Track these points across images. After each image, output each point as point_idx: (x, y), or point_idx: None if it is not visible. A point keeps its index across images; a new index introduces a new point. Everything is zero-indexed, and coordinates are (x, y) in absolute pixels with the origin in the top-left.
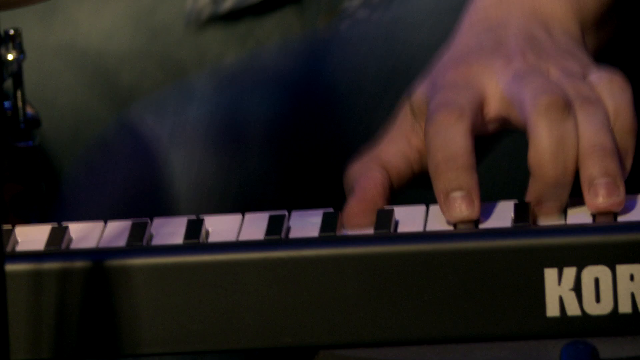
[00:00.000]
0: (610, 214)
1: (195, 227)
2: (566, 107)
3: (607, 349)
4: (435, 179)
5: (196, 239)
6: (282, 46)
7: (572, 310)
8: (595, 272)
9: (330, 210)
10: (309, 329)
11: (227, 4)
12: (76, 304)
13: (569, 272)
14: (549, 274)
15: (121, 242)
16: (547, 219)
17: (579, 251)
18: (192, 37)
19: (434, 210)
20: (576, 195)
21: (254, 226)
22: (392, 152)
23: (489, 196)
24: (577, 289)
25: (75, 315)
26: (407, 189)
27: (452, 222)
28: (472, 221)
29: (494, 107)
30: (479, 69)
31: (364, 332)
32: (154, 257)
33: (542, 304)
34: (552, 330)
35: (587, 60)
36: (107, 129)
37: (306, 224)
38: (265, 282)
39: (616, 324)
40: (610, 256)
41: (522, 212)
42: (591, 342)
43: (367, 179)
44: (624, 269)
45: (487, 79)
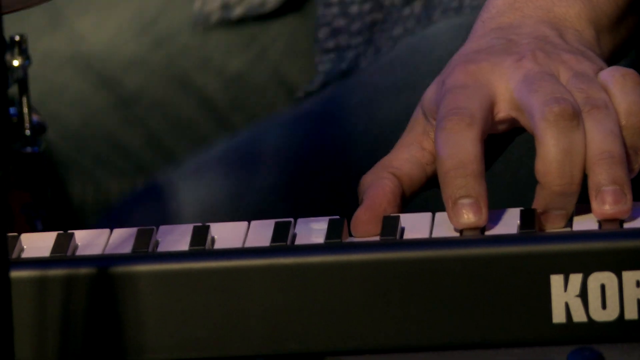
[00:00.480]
0: (616, 221)
1: (201, 234)
2: (574, 116)
3: (614, 355)
4: (443, 185)
5: (202, 246)
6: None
7: (578, 316)
8: (601, 278)
9: (336, 217)
10: (315, 336)
11: (238, 10)
12: (81, 310)
13: (575, 278)
14: (555, 281)
15: (127, 249)
16: (553, 226)
17: (585, 258)
18: (196, 43)
19: (441, 217)
20: (583, 201)
21: (260, 233)
22: (404, 158)
23: (496, 203)
24: (583, 296)
25: (80, 321)
26: (424, 191)
27: (459, 229)
28: (479, 228)
29: (504, 108)
30: (488, 67)
31: (370, 338)
32: (159, 264)
33: (548, 311)
34: (558, 336)
35: (599, 61)
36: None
37: (312, 231)
38: (271, 288)
39: (622, 331)
40: (616, 263)
41: (528, 219)
42: (597, 349)
43: (376, 187)
44: (630, 276)
45: (497, 78)
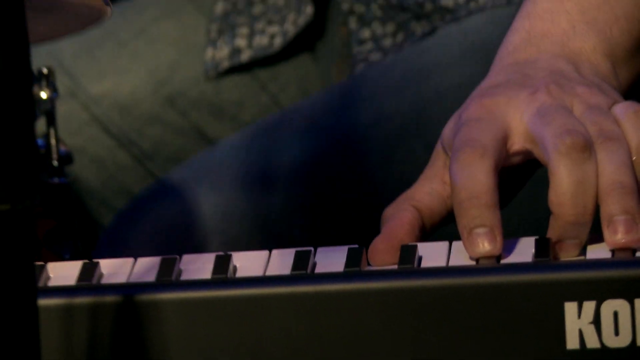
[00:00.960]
0: (629, 249)
1: (223, 262)
2: (587, 148)
3: None
4: (459, 215)
5: (224, 274)
6: (307, 97)
7: (592, 343)
8: (614, 305)
9: (355, 246)
10: None
11: (246, 54)
12: (107, 337)
13: (589, 305)
14: (569, 308)
15: (151, 277)
16: (567, 255)
17: (598, 285)
18: (209, 95)
19: (457, 246)
20: (596, 230)
21: (281, 262)
22: (425, 191)
23: (513, 231)
24: (596, 322)
25: (106, 348)
26: (446, 224)
27: (474, 258)
28: (494, 257)
29: (518, 141)
30: (503, 101)
31: None
32: (183, 292)
33: (563, 337)
34: None
35: (613, 94)
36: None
37: (331, 259)
38: (291, 316)
39: (635, 357)
40: (629, 290)
41: (542, 247)
42: None
43: (396, 218)
44: None
45: (512, 111)
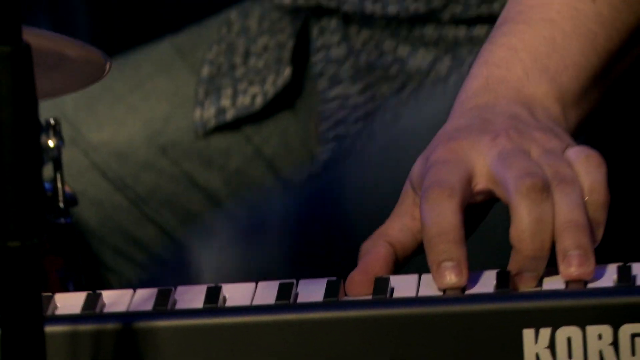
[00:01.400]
0: (581, 281)
1: (214, 293)
2: (544, 189)
3: None
4: (428, 250)
5: (215, 304)
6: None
7: None
8: (568, 332)
9: (333, 278)
10: None
11: (231, 113)
12: None
13: (545, 332)
14: (527, 334)
15: (148, 306)
16: (525, 286)
17: (554, 314)
18: (199, 147)
19: (426, 278)
20: (551, 264)
21: (266, 292)
22: (397, 227)
23: (480, 262)
24: (552, 347)
25: None
26: (416, 255)
27: (442, 289)
28: (460, 288)
29: (482, 181)
30: (467, 145)
31: None
32: (177, 320)
33: None
34: None
35: (566, 137)
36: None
37: (312, 290)
38: (276, 341)
39: None
40: (581, 318)
41: (503, 279)
42: None
43: (371, 253)
44: (593, 330)
45: (476, 155)
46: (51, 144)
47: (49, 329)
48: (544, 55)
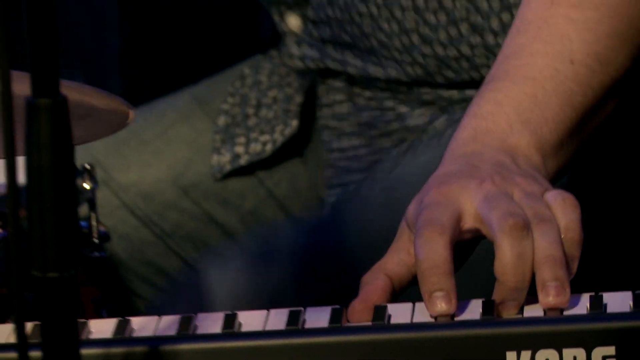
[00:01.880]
0: (557, 309)
1: (230, 319)
2: (525, 228)
3: None
4: (421, 282)
5: (231, 329)
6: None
7: None
8: (546, 354)
9: (336, 306)
10: None
11: (244, 159)
12: None
13: (526, 354)
14: (510, 356)
15: (172, 331)
16: (508, 313)
17: (534, 338)
18: (216, 189)
19: (419, 306)
20: (531, 293)
21: (277, 319)
22: (394, 261)
23: (470, 291)
24: None
25: None
26: (411, 286)
27: (434, 316)
28: (449, 315)
29: (469, 221)
30: (457, 188)
31: None
32: (198, 344)
33: None
34: None
35: (545, 183)
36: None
37: (318, 317)
38: None
39: None
40: (558, 342)
41: (488, 307)
42: None
43: (371, 284)
44: (568, 352)
45: (464, 197)
46: (86, 186)
47: (84, 351)
48: (527, 110)
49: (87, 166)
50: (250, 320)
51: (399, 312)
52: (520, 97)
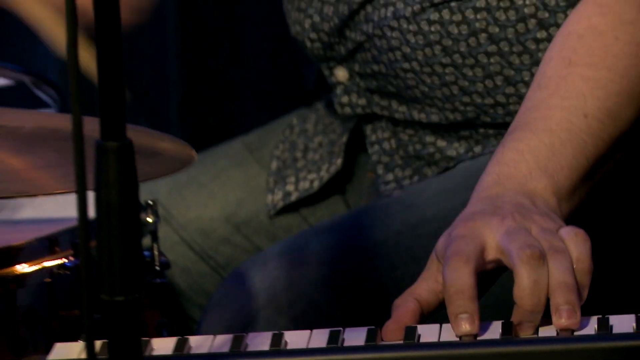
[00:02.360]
0: (569, 330)
1: (277, 338)
2: (541, 258)
3: None
4: (448, 304)
5: (278, 347)
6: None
7: None
8: None
9: (372, 327)
10: None
11: (294, 196)
12: None
13: None
14: None
15: (226, 349)
16: (525, 333)
17: (548, 356)
18: (265, 226)
19: (446, 326)
20: (546, 316)
21: (319, 338)
22: (424, 287)
23: (492, 312)
24: None
25: None
26: (439, 312)
27: (459, 335)
28: (473, 335)
29: (492, 253)
30: (481, 225)
31: None
32: None
33: None
34: None
35: (559, 221)
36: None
37: (355, 336)
38: None
39: None
40: (569, 359)
41: (507, 328)
42: None
43: (402, 307)
44: None
45: (487, 232)
46: (149, 220)
47: None
48: (545, 158)
49: (150, 202)
50: (294, 338)
51: (428, 332)
52: (539, 146)
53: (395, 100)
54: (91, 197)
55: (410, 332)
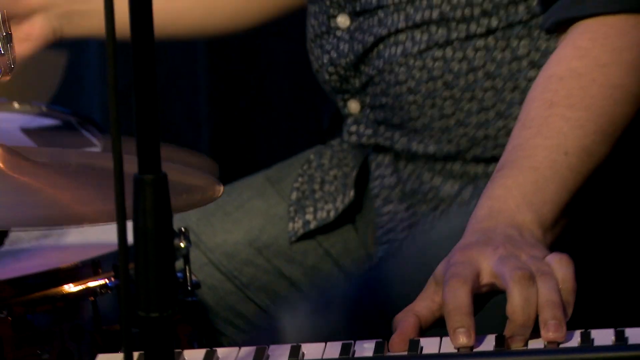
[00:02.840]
0: (556, 342)
1: (296, 350)
2: (531, 279)
3: None
4: (447, 320)
5: (296, 358)
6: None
7: None
8: None
9: (380, 340)
10: None
11: (313, 224)
12: None
13: None
14: None
15: (249, 359)
16: (516, 345)
17: None
18: (284, 250)
19: (445, 339)
20: (535, 331)
21: (332, 350)
22: (422, 306)
23: (488, 325)
24: None
25: None
26: (435, 327)
27: (457, 347)
28: (469, 347)
29: (486, 277)
30: (476, 253)
31: None
32: None
33: None
34: None
35: (545, 250)
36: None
37: (365, 348)
38: None
39: None
40: None
41: (500, 340)
42: None
43: (404, 322)
44: None
45: (482, 259)
46: (182, 245)
47: None
48: (530, 193)
49: (183, 229)
50: (311, 350)
51: (429, 344)
52: (524, 183)
53: (398, 131)
54: (130, 225)
55: (413, 344)
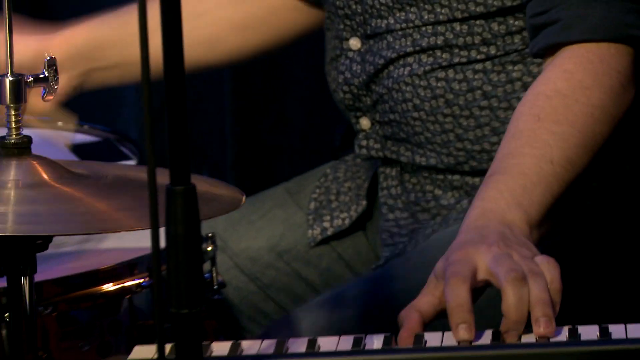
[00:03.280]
0: (546, 337)
1: (312, 343)
2: (523, 278)
3: None
4: (450, 316)
5: (313, 349)
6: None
7: None
8: None
9: (388, 334)
10: None
11: (329, 231)
12: None
13: None
14: None
15: (271, 351)
16: (511, 340)
17: (529, 357)
18: (303, 254)
19: (447, 334)
20: (527, 327)
21: (345, 343)
22: (424, 301)
23: (486, 321)
24: None
25: None
26: (436, 320)
27: (458, 341)
28: (469, 341)
29: (482, 274)
30: (472, 251)
31: None
32: None
33: None
34: None
35: (534, 249)
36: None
37: (375, 341)
38: None
39: None
40: None
41: (496, 335)
42: None
43: (409, 318)
44: None
45: (478, 257)
46: (209, 249)
47: None
48: (519, 196)
49: (210, 235)
50: (326, 343)
51: (433, 338)
52: (514, 186)
53: (403, 145)
54: (162, 231)
55: (418, 338)
